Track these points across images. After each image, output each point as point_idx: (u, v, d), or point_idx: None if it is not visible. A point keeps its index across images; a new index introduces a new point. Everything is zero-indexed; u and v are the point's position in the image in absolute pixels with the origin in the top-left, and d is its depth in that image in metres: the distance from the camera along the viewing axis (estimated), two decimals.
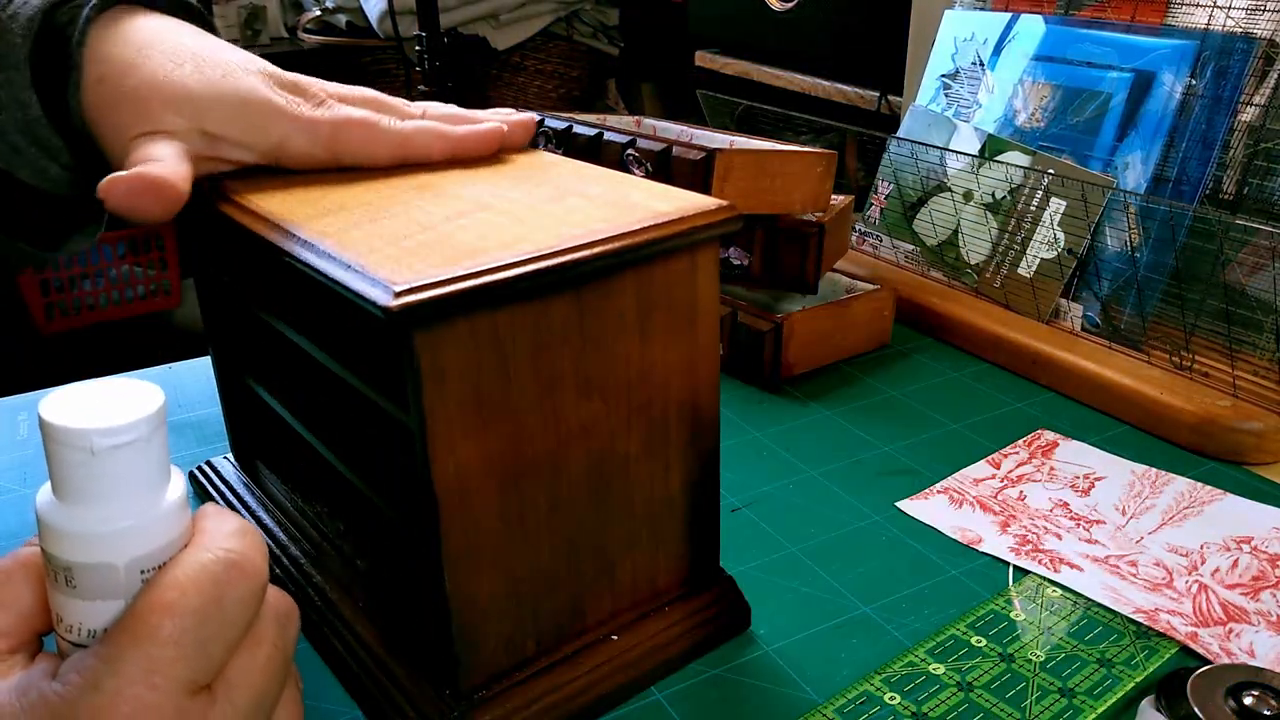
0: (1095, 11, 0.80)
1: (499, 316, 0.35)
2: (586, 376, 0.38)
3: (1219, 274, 0.68)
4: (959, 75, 0.89)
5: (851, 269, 0.85)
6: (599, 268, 0.36)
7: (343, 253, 0.35)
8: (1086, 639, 0.47)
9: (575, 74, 2.31)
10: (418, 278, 0.33)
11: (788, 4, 1.45)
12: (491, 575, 0.38)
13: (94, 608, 0.28)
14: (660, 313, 0.39)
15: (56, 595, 0.28)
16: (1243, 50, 0.69)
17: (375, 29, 2.13)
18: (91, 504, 0.27)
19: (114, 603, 0.28)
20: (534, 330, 0.36)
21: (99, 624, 0.28)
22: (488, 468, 0.36)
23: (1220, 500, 0.57)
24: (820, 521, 0.56)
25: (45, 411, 0.27)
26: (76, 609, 0.28)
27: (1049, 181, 0.77)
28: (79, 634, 0.28)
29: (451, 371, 0.34)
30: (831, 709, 0.43)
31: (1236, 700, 0.39)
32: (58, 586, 0.28)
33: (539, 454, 0.38)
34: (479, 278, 0.33)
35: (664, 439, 0.42)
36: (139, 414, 0.27)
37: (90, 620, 0.28)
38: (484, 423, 0.36)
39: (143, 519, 0.28)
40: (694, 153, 0.64)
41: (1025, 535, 0.54)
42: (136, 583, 0.28)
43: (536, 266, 0.34)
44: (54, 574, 0.28)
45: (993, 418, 0.67)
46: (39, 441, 0.65)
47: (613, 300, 0.38)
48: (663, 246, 0.38)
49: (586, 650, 0.42)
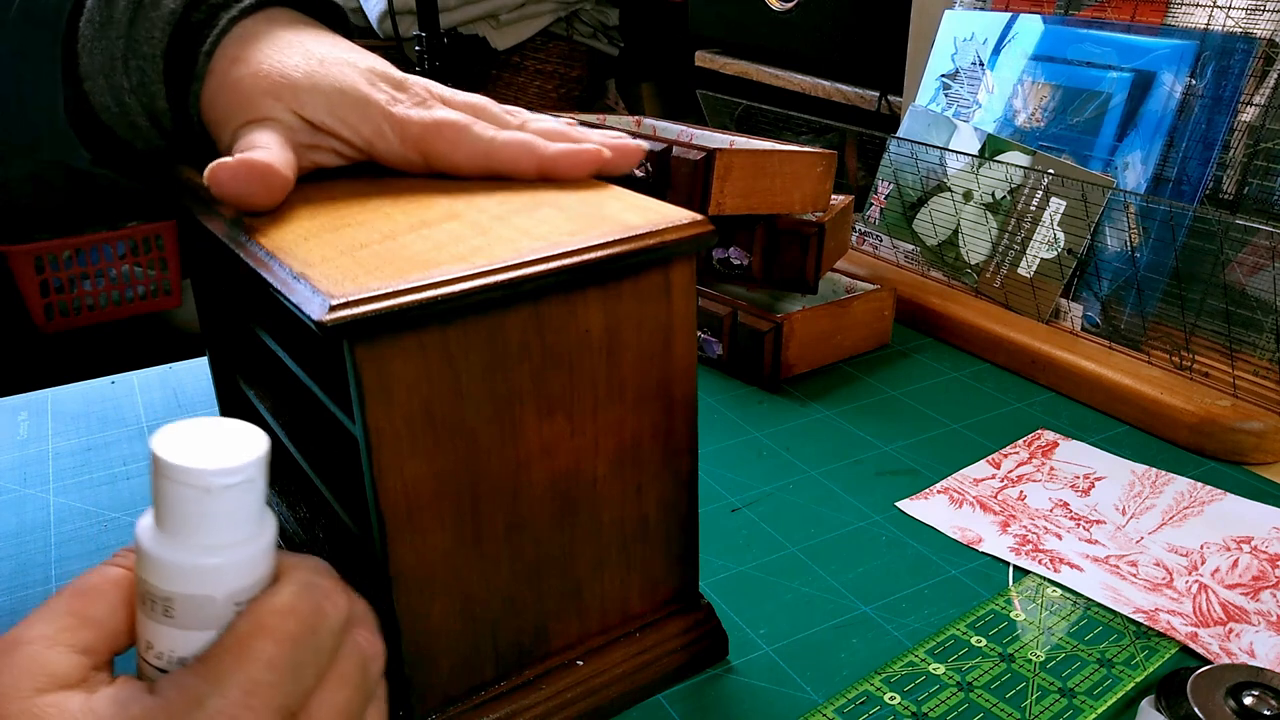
0: (1095, 11, 0.80)
1: (449, 332, 0.33)
2: (548, 395, 0.37)
3: (1219, 274, 0.68)
4: (959, 75, 0.89)
5: (851, 269, 0.85)
6: (556, 283, 0.35)
7: (290, 262, 0.34)
8: (1086, 639, 0.47)
9: (575, 74, 2.31)
10: (359, 290, 0.32)
11: (788, 4, 1.45)
12: (445, 596, 0.37)
13: (188, 637, 0.29)
14: (630, 331, 0.38)
15: (149, 622, 0.29)
16: (1243, 50, 0.69)
17: (375, 29, 2.14)
18: (198, 538, 0.28)
19: (207, 633, 0.29)
20: (488, 347, 0.34)
21: (190, 652, 0.29)
22: (439, 486, 0.35)
23: (1220, 500, 0.57)
24: (820, 521, 0.56)
25: (160, 449, 0.27)
26: (170, 637, 0.29)
27: (1049, 181, 0.77)
28: (168, 661, 0.29)
29: (398, 387, 0.33)
30: (831, 709, 0.43)
31: (1236, 700, 0.39)
32: (153, 614, 0.29)
33: (496, 473, 0.37)
34: (423, 292, 0.32)
35: (635, 460, 0.40)
36: (250, 456, 0.28)
37: (182, 649, 0.29)
38: (435, 441, 0.35)
39: (243, 554, 0.29)
40: (694, 153, 0.64)
41: (1025, 535, 0.54)
42: (230, 614, 0.29)
43: (486, 281, 0.33)
44: (151, 602, 0.29)
45: (993, 418, 0.67)
46: (39, 441, 0.65)
47: (575, 318, 0.36)
48: (629, 262, 0.36)
49: (549, 675, 0.41)
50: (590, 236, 0.36)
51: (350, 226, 0.38)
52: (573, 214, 0.39)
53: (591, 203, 0.40)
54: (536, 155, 0.43)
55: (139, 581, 0.29)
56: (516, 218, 0.38)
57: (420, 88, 0.45)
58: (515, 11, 2.18)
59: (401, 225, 0.38)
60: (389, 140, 0.43)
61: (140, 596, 0.29)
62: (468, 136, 0.44)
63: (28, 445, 0.66)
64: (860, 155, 1.23)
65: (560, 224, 0.37)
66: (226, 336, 0.53)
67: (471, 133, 0.44)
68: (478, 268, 0.33)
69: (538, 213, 0.39)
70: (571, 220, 0.38)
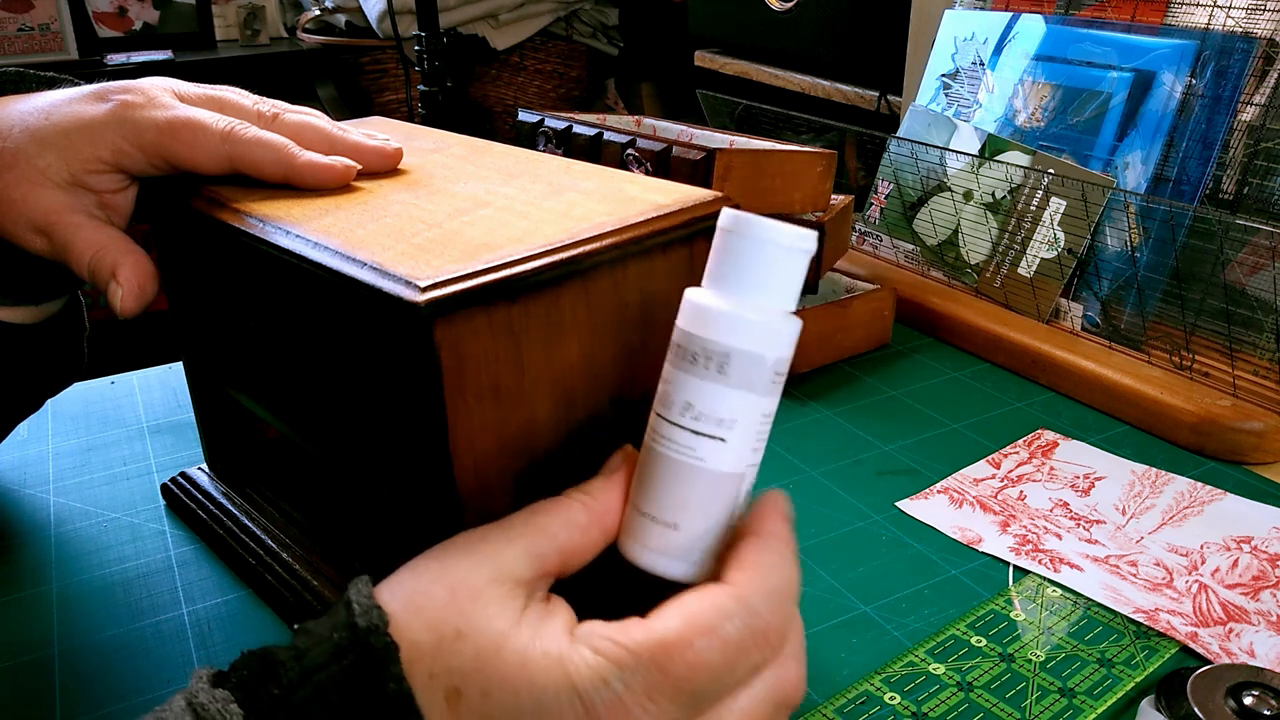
0: (1095, 11, 0.80)
1: (514, 309, 0.35)
2: (594, 367, 0.38)
3: (1219, 274, 0.68)
4: (959, 75, 0.89)
5: (851, 269, 0.85)
6: (608, 259, 0.36)
7: (354, 251, 0.35)
8: (1086, 639, 0.47)
9: (575, 74, 2.31)
10: (437, 274, 0.33)
11: (787, 4, 1.45)
12: None
13: (732, 396, 0.31)
14: (660, 306, 0.39)
15: (696, 380, 0.32)
16: (1243, 50, 0.69)
17: (375, 29, 2.14)
18: (762, 298, 0.32)
19: (750, 396, 0.32)
20: (545, 322, 0.36)
21: (733, 414, 0.32)
22: (503, 463, 0.36)
23: (1220, 500, 0.57)
24: (820, 521, 0.56)
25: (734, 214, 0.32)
26: (717, 395, 0.31)
27: (1049, 181, 0.77)
28: (706, 421, 0.32)
29: (470, 365, 0.34)
30: (831, 709, 0.43)
31: (1236, 700, 0.39)
32: (704, 373, 0.32)
33: (550, 446, 0.38)
34: (498, 271, 0.33)
35: None
36: (813, 234, 0.32)
37: (725, 409, 0.31)
38: (500, 416, 0.36)
39: (791, 327, 0.32)
40: (694, 153, 0.64)
41: (1025, 535, 0.54)
42: (769, 383, 0.32)
43: (552, 259, 0.35)
44: (705, 359, 0.31)
45: (993, 418, 0.67)
46: (39, 441, 0.65)
47: (617, 292, 0.38)
48: (666, 238, 0.38)
49: None
50: (629, 215, 0.37)
51: (388, 218, 0.39)
52: (600, 197, 0.40)
53: (611, 186, 0.42)
54: (285, 164, 0.42)
55: (689, 340, 0.32)
56: (546, 202, 0.40)
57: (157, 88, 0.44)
58: (515, 11, 2.18)
59: (439, 214, 0.39)
60: (128, 153, 0.42)
61: (688, 356, 0.32)
62: (205, 136, 0.42)
63: (28, 445, 0.65)
64: (860, 155, 1.23)
65: (594, 206, 0.39)
66: (210, 344, 0.53)
67: (211, 131, 0.42)
68: (538, 247, 0.35)
69: (564, 197, 0.40)
70: (602, 202, 0.39)
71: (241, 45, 2.35)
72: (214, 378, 0.54)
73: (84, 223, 0.43)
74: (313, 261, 0.36)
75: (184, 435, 0.66)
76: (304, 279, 0.38)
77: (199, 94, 0.45)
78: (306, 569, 0.48)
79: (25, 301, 0.49)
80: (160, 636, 0.48)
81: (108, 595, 0.51)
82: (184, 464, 0.61)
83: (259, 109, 0.45)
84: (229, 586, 0.51)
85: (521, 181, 0.43)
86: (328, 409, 0.43)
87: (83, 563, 0.53)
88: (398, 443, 0.38)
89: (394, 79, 2.20)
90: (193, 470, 0.58)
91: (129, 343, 2.02)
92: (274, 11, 2.43)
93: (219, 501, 0.55)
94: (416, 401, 0.35)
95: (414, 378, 0.34)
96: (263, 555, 0.50)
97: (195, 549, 0.54)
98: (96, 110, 0.43)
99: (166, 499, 0.59)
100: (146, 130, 0.42)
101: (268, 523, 0.52)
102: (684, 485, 0.32)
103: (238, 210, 0.41)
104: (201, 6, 2.33)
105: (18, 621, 0.49)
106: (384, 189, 0.43)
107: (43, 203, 0.42)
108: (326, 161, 0.42)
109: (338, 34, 2.26)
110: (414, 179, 0.44)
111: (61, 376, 0.56)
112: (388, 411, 0.38)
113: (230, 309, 0.48)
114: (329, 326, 0.40)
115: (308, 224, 0.39)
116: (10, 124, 0.43)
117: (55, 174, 0.42)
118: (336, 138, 0.44)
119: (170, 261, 0.50)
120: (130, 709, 0.44)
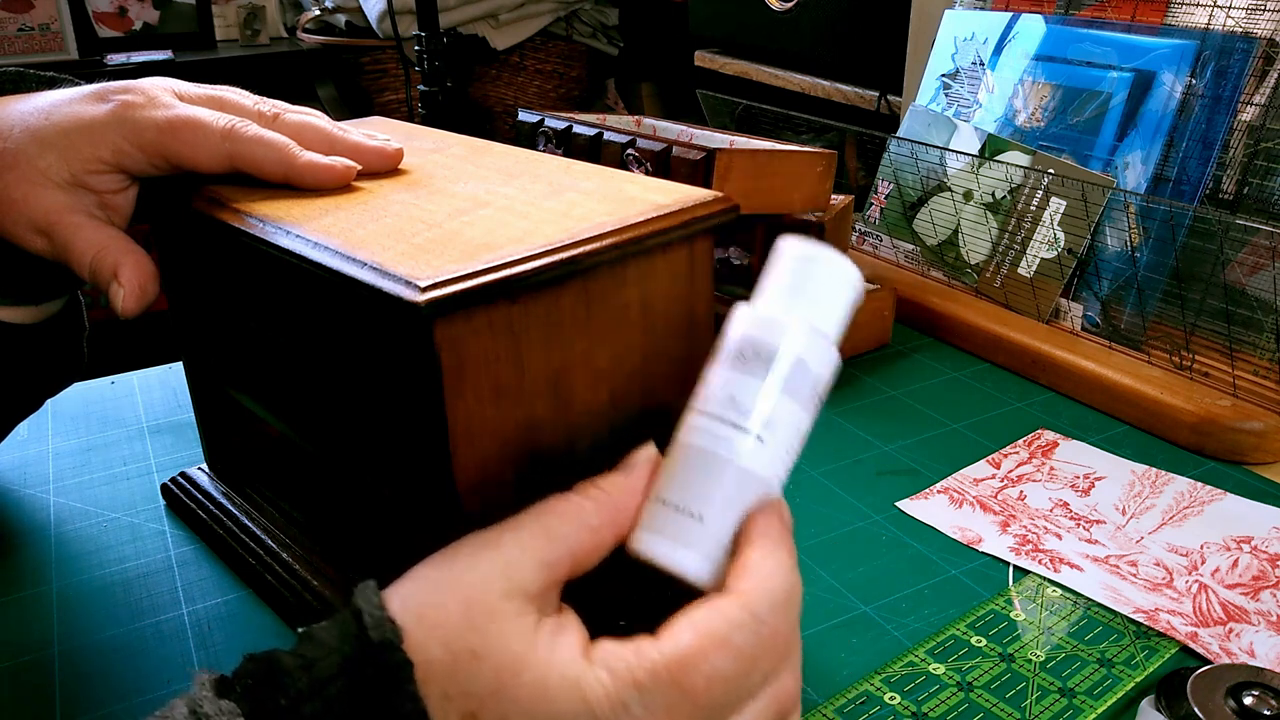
0: (1095, 11, 0.80)
1: (514, 309, 0.35)
2: (594, 367, 0.38)
3: (1219, 274, 0.68)
4: (959, 75, 0.89)
5: None
6: (609, 259, 0.36)
7: (354, 251, 0.35)
8: (1086, 639, 0.47)
9: (575, 74, 2.31)
10: (438, 274, 0.33)
11: (787, 4, 1.45)
12: None
13: (778, 397, 0.33)
14: (661, 307, 0.39)
15: (743, 377, 0.34)
16: (1243, 50, 0.69)
17: (375, 29, 2.14)
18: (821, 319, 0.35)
19: (793, 404, 0.34)
20: (545, 322, 0.36)
21: (775, 415, 0.33)
22: (503, 463, 0.36)
23: (1220, 500, 0.57)
24: (820, 521, 0.56)
25: (812, 242, 0.35)
26: (762, 392, 0.33)
27: (1049, 181, 0.77)
28: (749, 418, 0.33)
29: (470, 365, 0.34)
30: (831, 709, 0.43)
31: (1236, 700, 0.39)
32: (752, 369, 0.33)
33: (550, 446, 0.38)
34: (498, 271, 0.33)
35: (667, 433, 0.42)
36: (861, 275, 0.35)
37: (768, 406, 0.33)
38: (500, 415, 0.36)
39: (835, 353, 0.35)
40: (694, 153, 0.64)
41: (1025, 535, 0.54)
42: (809, 396, 0.34)
43: (552, 259, 0.35)
44: (753, 357, 0.34)
45: (993, 418, 0.67)
46: (39, 441, 0.65)
47: (618, 292, 0.38)
48: (666, 238, 0.38)
49: None
50: (629, 215, 0.37)
51: (387, 218, 0.39)
52: (600, 197, 0.40)
53: (611, 186, 0.42)
54: (286, 163, 0.42)
55: (744, 341, 0.34)
56: (546, 202, 0.40)
57: (157, 88, 0.44)
58: (515, 11, 2.18)
59: (439, 214, 0.39)
60: (129, 153, 0.42)
61: (740, 355, 0.34)
62: (206, 134, 0.42)
63: (28, 445, 0.65)
64: (860, 155, 1.23)
65: (594, 206, 0.39)
66: (210, 344, 0.53)
67: (212, 129, 0.42)
68: (538, 247, 0.35)
69: (564, 197, 0.40)
70: (602, 202, 0.39)
71: (241, 45, 2.35)
72: (214, 378, 0.54)
73: (85, 223, 0.43)
74: (313, 261, 0.36)
75: (184, 435, 0.66)
76: (304, 279, 0.38)
77: (199, 94, 0.45)
78: (306, 569, 0.48)
79: (25, 301, 0.49)
80: (160, 636, 0.48)
81: (108, 595, 0.51)
82: (184, 464, 0.61)
83: (259, 109, 0.45)
84: (229, 586, 0.51)
85: (521, 181, 0.43)
86: (328, 409, 0.43)
87: (83, 563, 0.53)
88: (398, 443, 0.38)
89: (394, 79, 2.21)
90: (193, 470, 0.58)
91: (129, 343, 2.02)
92: (274, 11, 2.43)
93: (219, 501, 0.55)
94: (416, 401, 0.35)
95: (414, 378, 0.34)
96: (263, 555, 0.50)
97: (195, 549, 0.54)
98: (97, 110, 0.43)
99: (166, 499, 0.59)
100: (147, 130, 0.42)
101: (268, 523, 0.52)
102: (715, 476, 0.33)
103: (238, 210, 0.41)
104: (201, 6, 2.33)
105: (18, 621, 0.49)
106: (384, 189, 0.43)
107: (43, 203, 0.42)
108: (327, 162, 0.42)
109: (338, 34, 2.26)
110: (414, 179, 0.44)
111: (61, 376, 0.56)
112: (388, 411, 0.38)
113: (230, 309, 0.48)
114: (329, 327, 0.40)
115: (308, 224, 0.39)
116: (10, 124, 0.43)
117: (56, 174, 0.42)
118: (337, 138, 0.44)
119: (170, 261, 0.50)
120: (130, 709, 0.44)
